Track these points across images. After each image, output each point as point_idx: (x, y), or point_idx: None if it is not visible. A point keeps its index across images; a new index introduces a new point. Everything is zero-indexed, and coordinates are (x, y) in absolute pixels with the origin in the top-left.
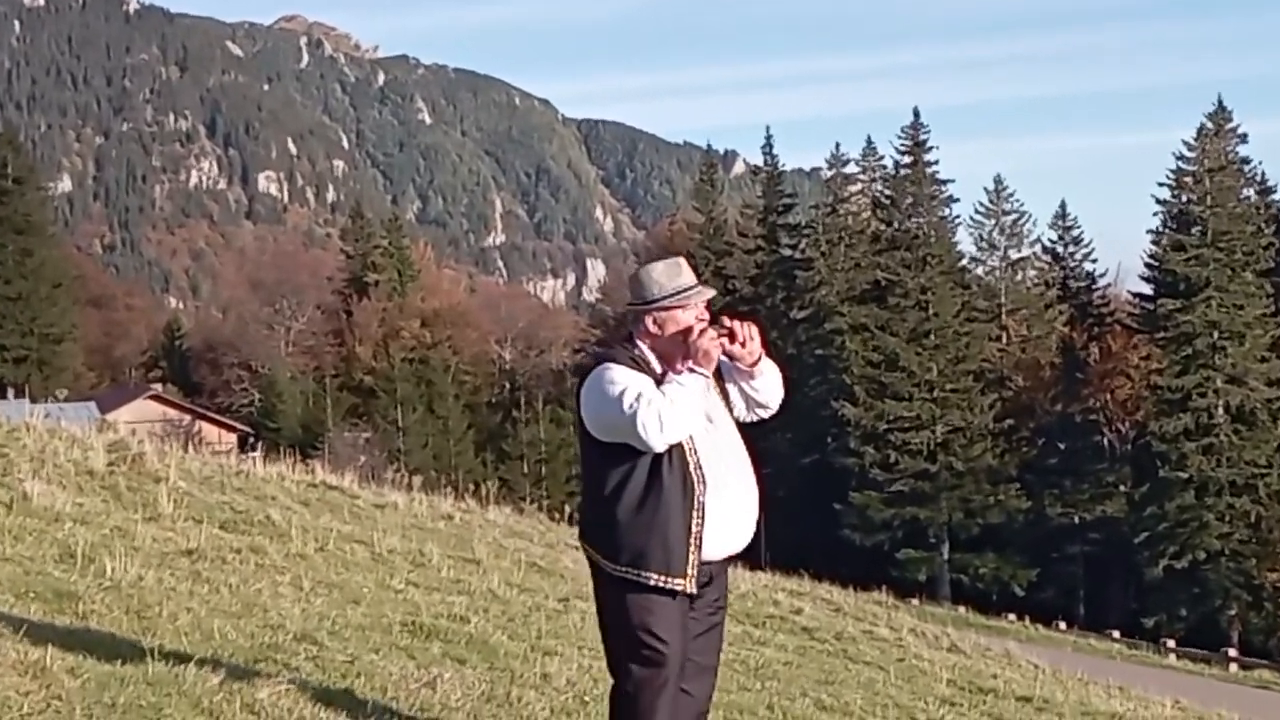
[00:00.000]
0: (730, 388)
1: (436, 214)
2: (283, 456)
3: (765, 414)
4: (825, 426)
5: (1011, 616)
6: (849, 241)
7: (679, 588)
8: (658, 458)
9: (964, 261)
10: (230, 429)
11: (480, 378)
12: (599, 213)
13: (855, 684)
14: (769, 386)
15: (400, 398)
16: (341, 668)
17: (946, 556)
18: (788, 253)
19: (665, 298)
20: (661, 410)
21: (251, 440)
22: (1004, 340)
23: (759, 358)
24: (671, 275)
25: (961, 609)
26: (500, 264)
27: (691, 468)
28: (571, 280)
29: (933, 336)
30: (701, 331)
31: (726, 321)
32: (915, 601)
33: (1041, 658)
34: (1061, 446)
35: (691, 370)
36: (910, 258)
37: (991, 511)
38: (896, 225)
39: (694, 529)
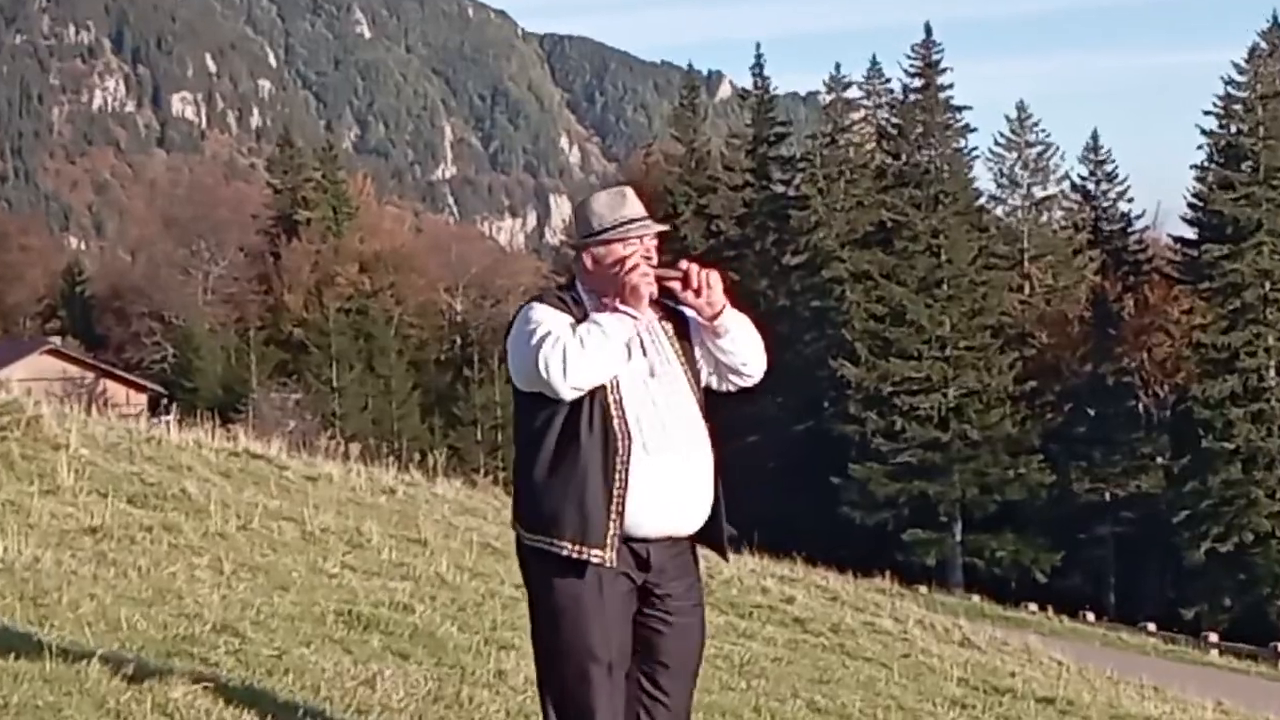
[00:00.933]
0: (698, 350)
1: (377, 142)
2: (200, 421)
3: (743, 381)
4: (822, 389)
5: (1032, 606)
6: (850, 177)
7: (595, 560)
8: (576, 411)
9: (981, 200)
10: (140, 389)
11: (427, 331)
12: (564, 142)
13: (854, 683)
14: (741, 348)
15: (335, 354)
16: (267, 663)
17: (959, 538)
18: (780, 189)
19: (604, 231)
20: (568, 349)
21: (164, 402)
22: (1026, 291)
23: (719, 310)
24: (614, 206)
25: (975, 597)
26: (450, 200)
27: (615, 423)
28: (532, 219)
29: (945, 286)
30: (633, 267)
31: (683, 265)
32: (923, 589)
33: (1066, 653)
34: (1091, 413)
35: (616, 310)
36: (920, 196)
37: (1010, 486)
38: (904, 158)
39: (615, 493)
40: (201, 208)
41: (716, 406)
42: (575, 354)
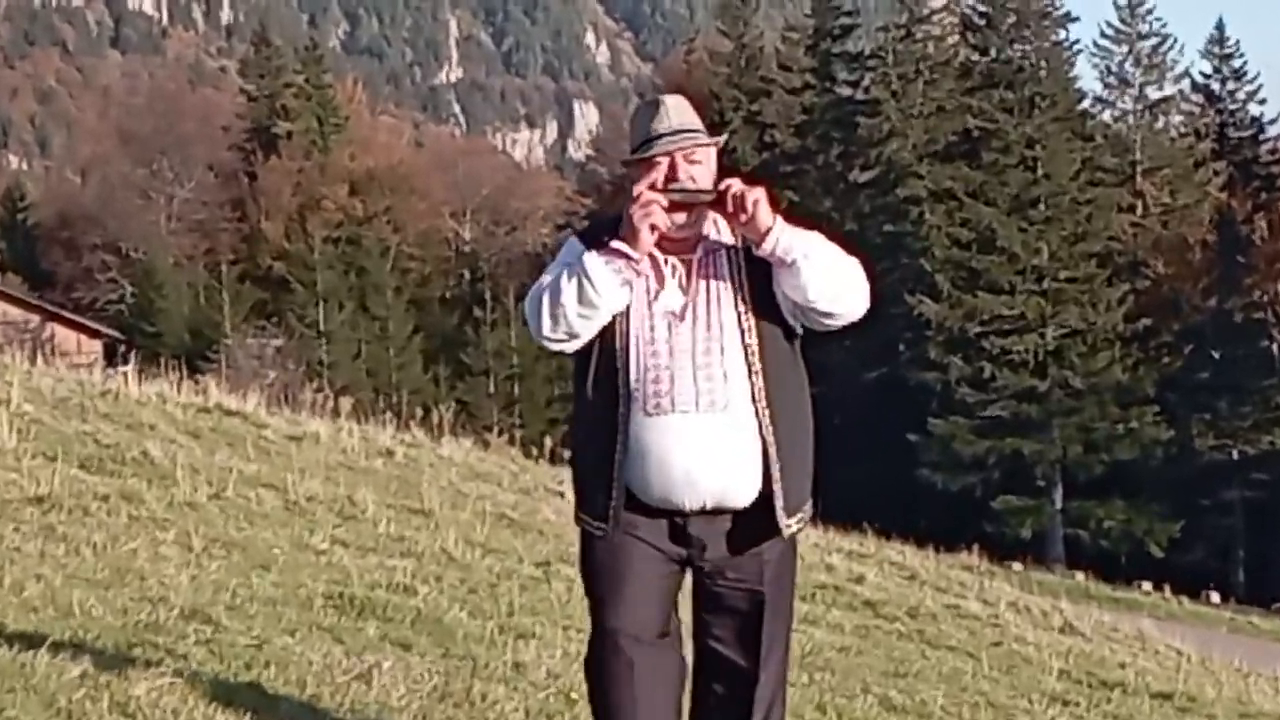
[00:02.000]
0: (776, 286)
1: (369, 40)
2: (164, 371)
3: (830, 321)
4: (897, 330)
5: (1146, 586)
6: (929, 77)
7: (597, 532)
8: (587, 364)
9: (1085, 104)
10: (94, 334)
11: (430, 264)
12: (590, 38)
13: (935, 676)
14: (810, 279)
15: (322, 291)
16: (244, 655)
17: (1059, 505)
18: (846, 92)
19: (633, 152)
20: (544, 297)
21: (122, 349)
22: (1139, 211)
23: (764, 232)
24: (643, 121)
25: (1079, 575)
26: (457, 109)
27: (620, 380)
28: (553, 130)
29: (1043, 206)
30: (635, 197)
31: (722, 183)
32: (1017, 566)
33: (1186, 640)
34: (1216, 355)
35: (609, 249)
36: (1012, 98)
37: (1120, 444)
38: (994, 54)
39: (615, 459)
40: (163, 119)
41: None
42: (546, 302)
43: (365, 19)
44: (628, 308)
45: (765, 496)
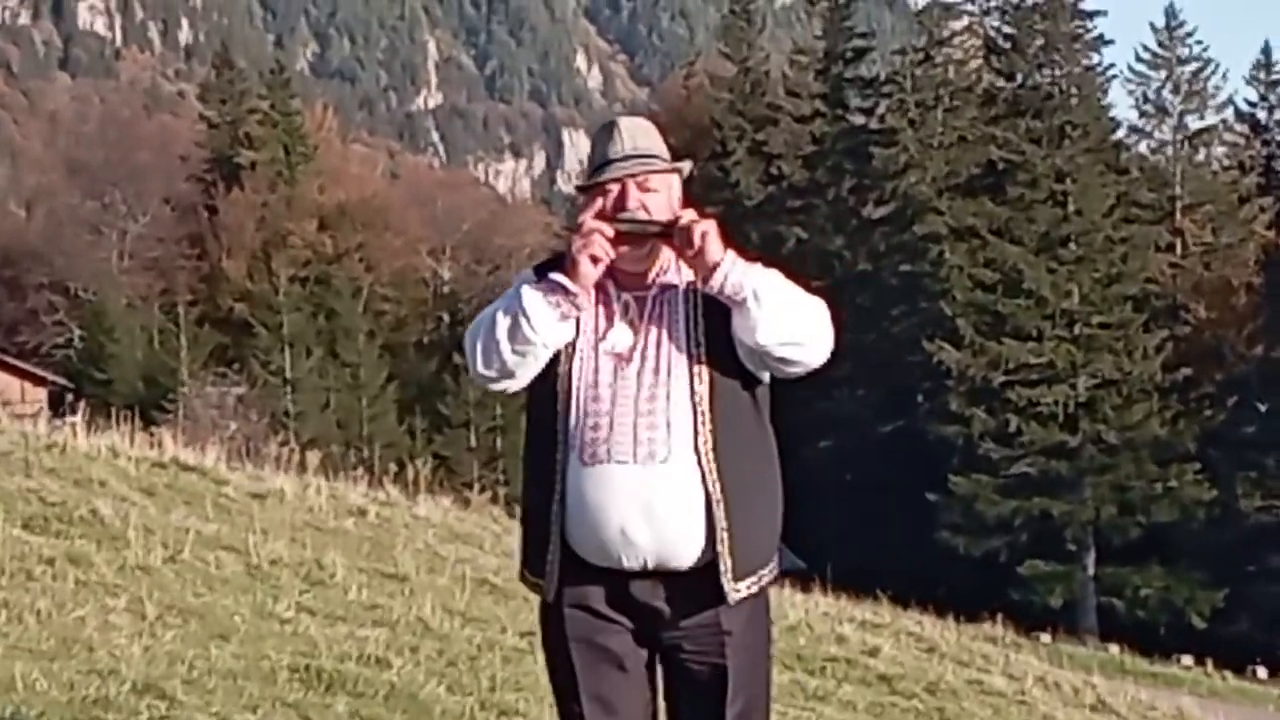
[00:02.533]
0: (733, 332)
1: (341, 63)
2: (116, 422)
3: (788, 369)
4: (915, 379)
5: (1186, 660)
6: (950, 104)
7: (537, 590)
8: (530, 409)
9: (1120, 134)
10: (38, 381)
11: (406, 306)
12: (581, 61)
13: None
14: (761, 321)
15: (288, 336)
16: None
17: (1092, 572)
18: (859, 121)
19: (587, 178)
20: (479, 330)
21: (70, 398)
22: (1179, 251)
23: (711, 267)
24: (598, 145)
25: (1113, 648)
26: (436, 137)
27: (559, 425)
28: (540, 161)
29: (1073, 245)
30: (578, 227)
31: (640, 214)
32: (1046, 637)
33: None
34: (1262, 408)
35: (549, 281)
36: (1040, 128)
37: (1158, 505)
38: (1020, 80)
39: (552, 509)
40: (116, 148)
41: (779, 401)
42: (481, 337)
43: (336, 39)
44: (572, 347)
45: (713, 558)
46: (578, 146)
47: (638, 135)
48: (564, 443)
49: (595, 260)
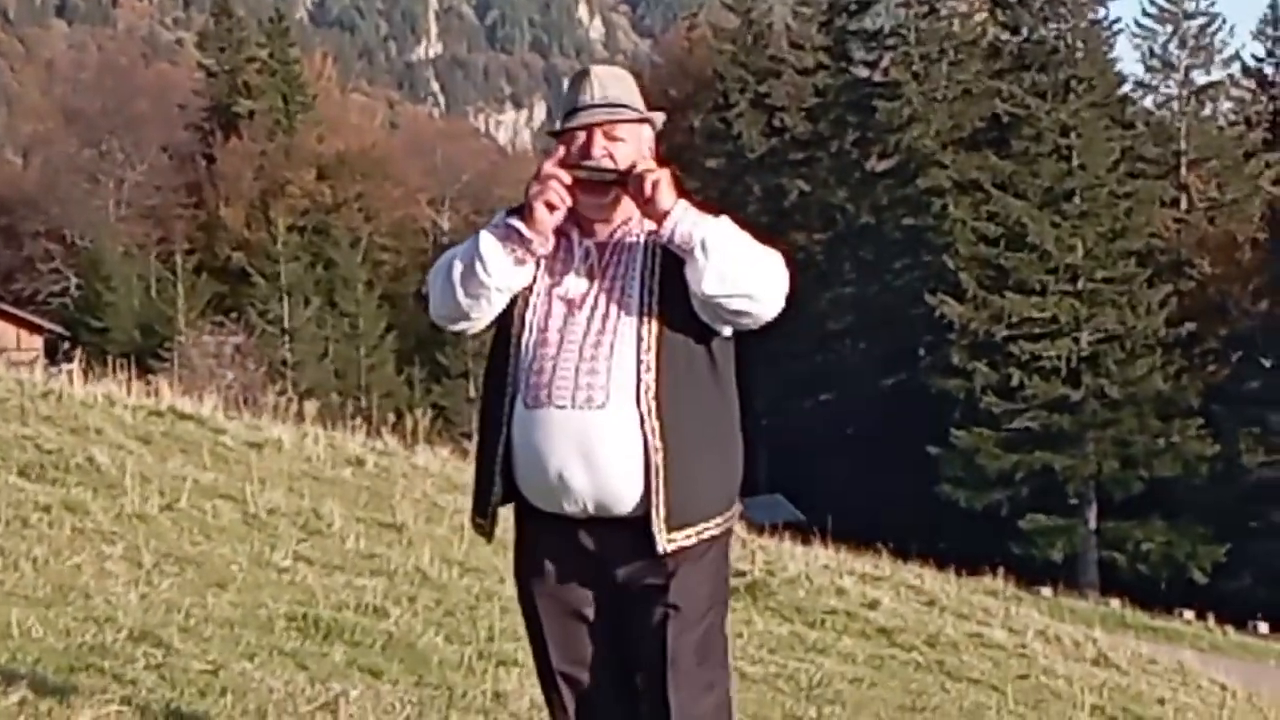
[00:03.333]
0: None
1: (340, 11)
2: (112, 370)
3: (740, 320)
4: (917, 333)
5: (1188, 614)
6: (954, 58)
7: (479, 529)
8: (489, 353)
9: (1125, 88)
10: (35, 329)
11: (405, 256)
12: (582, 12)
13: (956, 711)
14: (707, 271)
15: (286, 285)
16: (199, 680)
17: (1094, 526)
18: (863, 73)
19: (558, 127)
20: (435, 272)
21: (66, 346)
22: (1184, 206)
23: (663, 214)
24: (570, 92)
25: (1114, 602)
26: (435, 87)
27: (509, 368)
28: (541, 111)
29: (1078, 199)
30: (539, 173)
31: (605, 162)
32: (1047, 591)
33: (1231, 674)
34: (1266, 364)
35: (507, 225)
36: (1045, 82)
37: (1161, 460)
38: (1025, 33)
39: (498, 451)
40: (113, 96)
41: (780, 354)
42: (436, 280)
43: None
44: (529, 291)
45: (642, 505)
46: None
47: (609, 84)
48: (511, 386)
49: (551, 206)
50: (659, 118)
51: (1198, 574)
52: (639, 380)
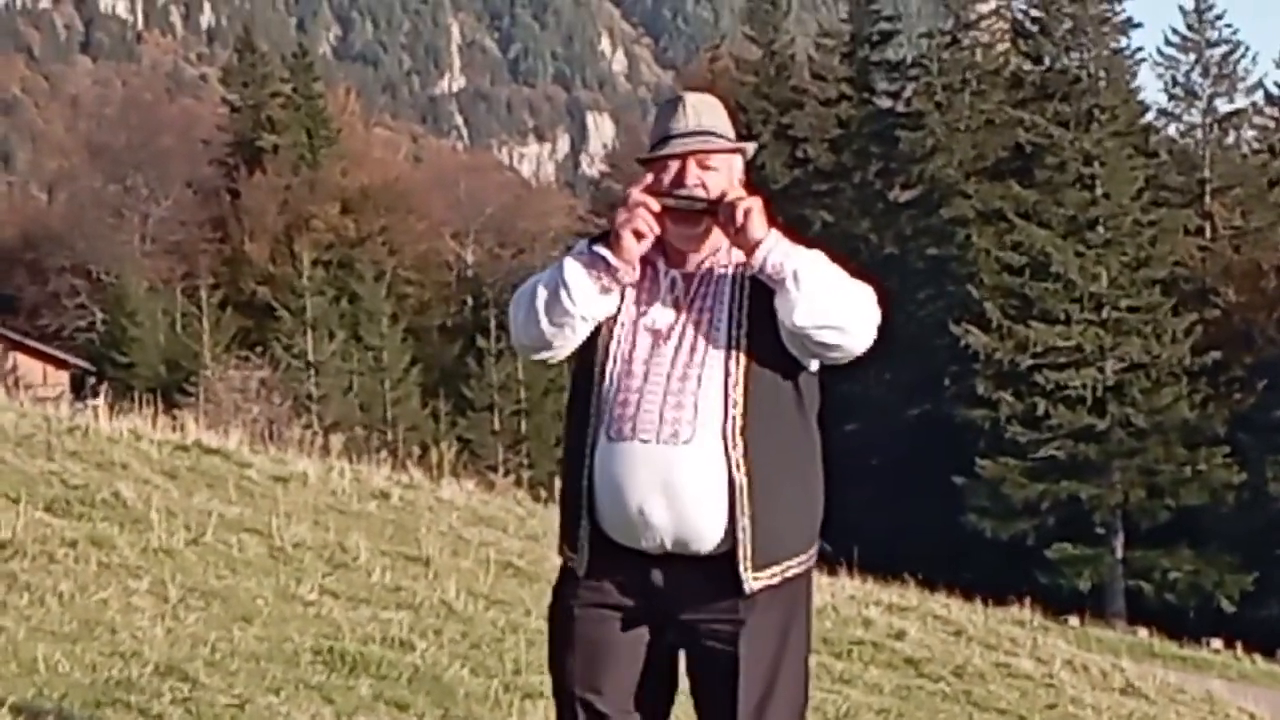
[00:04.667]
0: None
1: (364, 46)
2: (138, 405)
3: (830, 354)
4: (941, 363)
5: (1216, 643)
6: (977, 88)
7: (571, 563)
8: (571, 383)
9: (1148, 117)
10: (60, 364)
11: (429, 290)
12: (605, 44)
13: None
14: (800, 303)
15: (311, 319)
16: (225, 715)
17: (1120, 555)
18: (886, 104)
19: (648, 153)
20: (519, 299)
21: (92, 381)
22: (1208, 234)
23: (752, 245)
24: (662, 119)
25: (1142, 631)
26: (459, 121)
27: (592, 399)
28: (565, 144)
29: (1102, 228)
30: (624, 200)
31: (698, 192)
32: (1074, 621)
33: (1260, 703)
34: None
35: (593, 253)
36: (1068, 111)
37: (1187, 488)
38: (1048, 63)
39: (582, 483)
40: (137, 131)
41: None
42: (524, 306)
43: (359, 23)
44: (615, 321)
45: (733, 545)
46: (601, 130)
47: (703, 111)
48: (595, 417)
49: (639, 235)
50: (750, 147)
51: (1225, 602)
52: (726, 415)
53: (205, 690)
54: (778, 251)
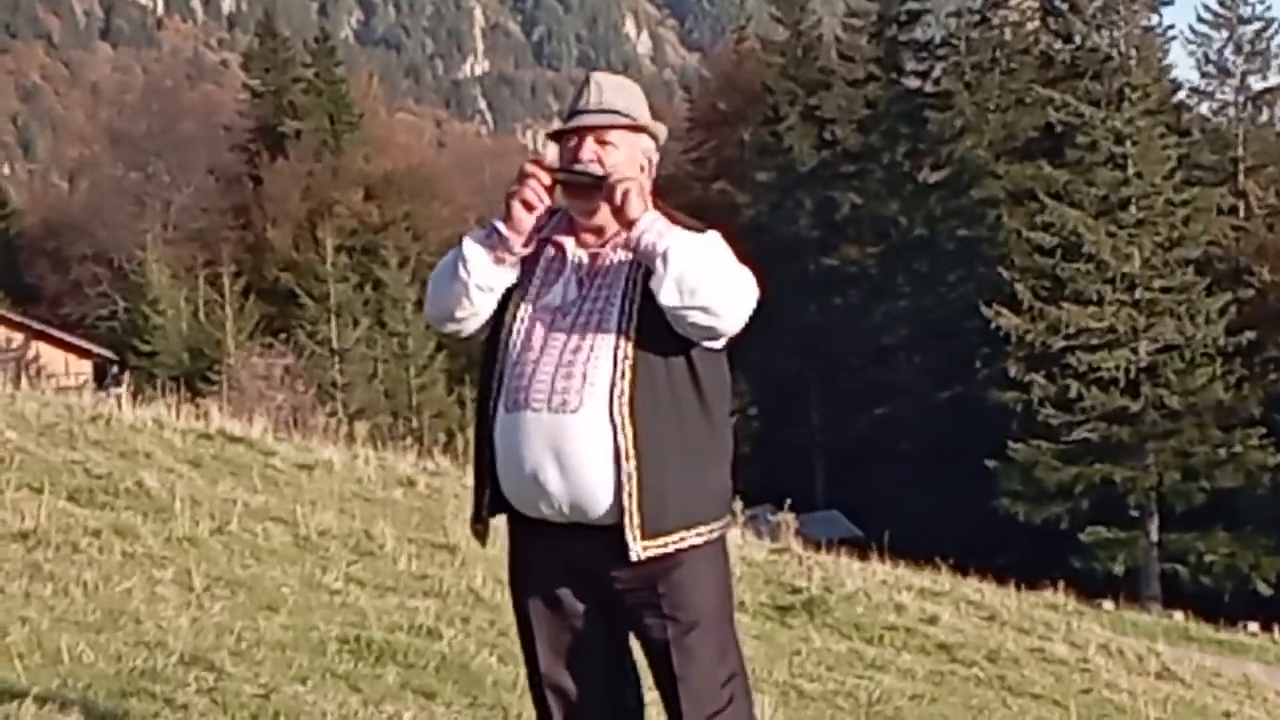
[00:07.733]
0: None
1: (386, 30)
2: (161, 393)
3: (700, 335)
4: (972, 345)
5: (1253, 626)
6: (1006, 67)
7: (477, 534)
8: (480, 362)
9: (1181, 95)
10: (83, 354)
11: None
12: (629, 26)
13: None
14: (665, 283)
15: (334, 306)
16: (251, 704)
17: (1155, 538)
18: (914, 84)
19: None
20: (433, 274)
21: (114, 370)
22: (1242, 213)
23: (630, 223)
24: (572, 97)
25: (1177, 615)
26: (483, 105)
27: (494, 372)
28: None
29: (1134, 208)
30: (520, 174)
31: (592, 168)
32: (1108, 604)
33: None
34: None
35: (489, 226)
36: (1099, 90)
37: (1222, 470)
38: (1078, 41)
39: (485, 455)
40: (158, 118)
41: (833, 370)
42: (431, 283)
43: (381, 7)
44: (521, 298)
45: (615, 511)
46: None
47: (608, 90)
48: (495, 390)
49: (528, 205)
50: (660, 129)
51: (1262, 585)
52: (614, 387)
53: (231, 680)
54: (651, 232)
